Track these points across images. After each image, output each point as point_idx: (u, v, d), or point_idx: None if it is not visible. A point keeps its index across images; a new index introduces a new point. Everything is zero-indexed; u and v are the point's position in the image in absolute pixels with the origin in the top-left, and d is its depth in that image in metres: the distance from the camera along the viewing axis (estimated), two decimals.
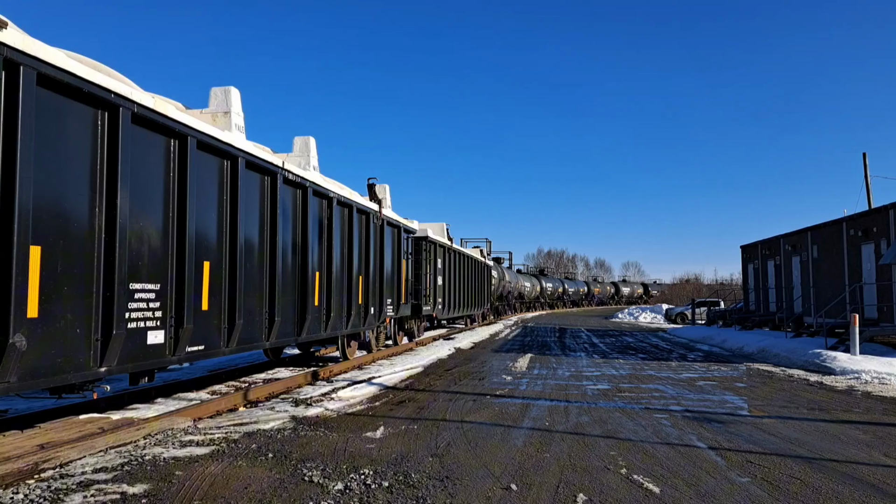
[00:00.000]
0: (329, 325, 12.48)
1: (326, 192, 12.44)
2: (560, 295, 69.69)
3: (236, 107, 9.81)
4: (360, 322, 14.50)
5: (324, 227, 12.44)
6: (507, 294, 45.80)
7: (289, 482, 5.67)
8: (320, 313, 12.22)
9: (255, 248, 9.82)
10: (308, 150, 12.68)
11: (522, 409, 9.43)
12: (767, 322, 28.12)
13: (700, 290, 71.01)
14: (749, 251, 33.59)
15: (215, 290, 8.66)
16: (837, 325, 20.36)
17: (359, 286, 14.26)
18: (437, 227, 26.02)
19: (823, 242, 24.03)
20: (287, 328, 10.86)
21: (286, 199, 10.85)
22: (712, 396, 10.92)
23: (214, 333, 8.69)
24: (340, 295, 13.23)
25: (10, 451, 6.10)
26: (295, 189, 11.24)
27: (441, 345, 20.74)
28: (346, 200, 13.45)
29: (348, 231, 13.65)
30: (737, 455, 6.83)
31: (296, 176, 11.08)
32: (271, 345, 10.36)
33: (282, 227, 10.52)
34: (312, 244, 11.75)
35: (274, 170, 10.26)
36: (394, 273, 17.40)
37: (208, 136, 8.37)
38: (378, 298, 15.74)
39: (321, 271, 12.21)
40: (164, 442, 7.01)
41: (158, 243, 7.50)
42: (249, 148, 9.49)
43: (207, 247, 8.49)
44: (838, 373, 14.27)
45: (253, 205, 9.76)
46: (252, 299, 9.60)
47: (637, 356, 18.63)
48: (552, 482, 5.75)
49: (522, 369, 14.73)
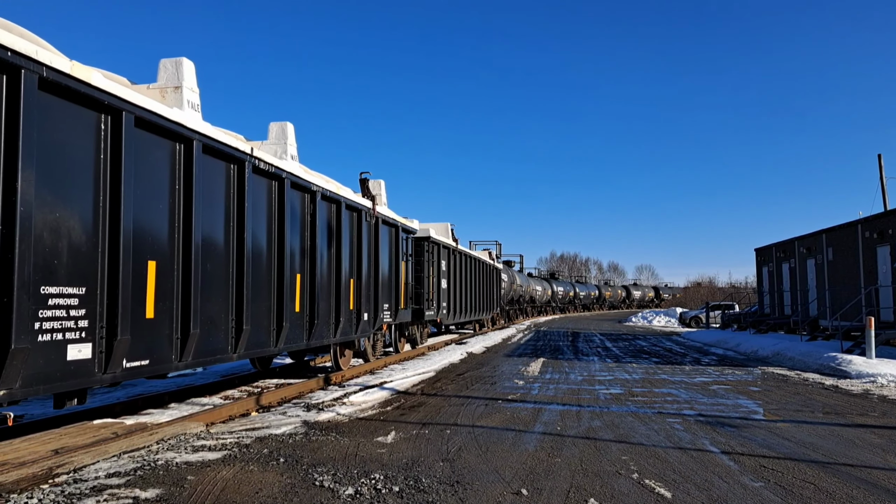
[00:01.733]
0: (313, 333, 11.31)
1: (308, 185, 11.12)
2: (571, 299, 69.44)
3: (189, 81, 8.47)
4: (352, 329, 13.34)
5: (306, 224, 11.22)
6: (519, 298, 45.22)
7: (300, 487, 5.69)
8: (302, 320, 11.05)
9: (219, 247, 8.62)
10: (285, 138, 11.34)
11: (534, 414, 9.41)
12: (782, 325, 27.88)
13: (714, 294, 70.63)
14: (763, 254, 33.35)
15: (164, 295, 7.50)
16: (853, 328, 20.17)
17: (349, 290, 13.17)
18: (441, 227, 24.43)
19: (838, 245, 23.82)
20: (260, 337, 9.68)
21: (258, 192, 9.63)
22: (726, 400, 10.84)
23: (163, 345, 7.50)
24: (327, 300, 12.07)
25: (25, 456, 6.17)
26: (270, 181, 10.03)
27: (453, 349, 20.74)
28: (332, 195, 12.16)
29: (336, 229, 12.44)
30: (750, 459, 6.78)
31: (269, 165, 9.78)
32: (239, 357, 9.14)
33: (252, 223, 9.32)
34: (292, 243, 10.58)
35: (240, 157, 8.97)
36: (391, 276, 16.14)
37: (150, 111, 7.05)
38: (373, 303, 14.55)
39: (303, 274, 11.07)
40: (176, 447, 7.06)
41: (83, 238, 6.27)
42: (207, 130, 8.20)
43: (153, 244, 7.32)
44: (854, 376, 14.13)
45: (214, 196, 8.53)
46: (214, 305, 8.44)
47: (650, 360, 18.53)
48: (563, 487, 5.74)
49: (534, 374, 14.69)
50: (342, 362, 13.62)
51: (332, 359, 13.51)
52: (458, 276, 24.91)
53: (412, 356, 18.21)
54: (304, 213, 11.20)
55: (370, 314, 14.35)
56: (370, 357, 15.18)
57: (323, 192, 11.72)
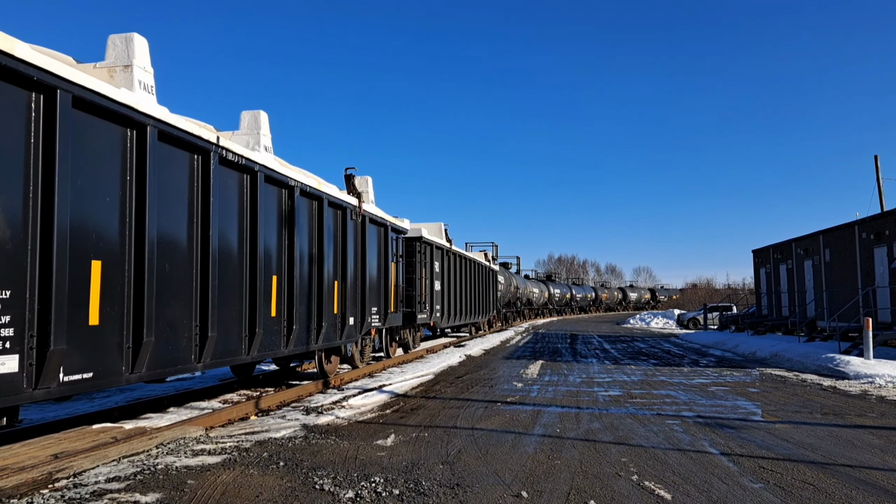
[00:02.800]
0: (292, 339, 10.56)
1: (285, 179, 10.38)
2: (568, 301, 69.38)
3: (141, 59, 7.58)
4: (337, 334, 12.57)
5: (283, 221, 10.48)
6: (516, 300, 44.97)
7: (300, 490, 5.69)
8: (279, 325, 10.32)
9: (180, 246, 7.85)
10: (258, 127, 10.38)
11: (533, 416, 9.42)
12: (780, 326, 27.93)
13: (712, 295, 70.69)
14: (761, 255, 33.41)
15: (112, 299, 6.70)
16: (851, 329, 20.22)
17: (333, 293, 12.37)
18: (434, 227, 23.21)
19: (836, 246, 23.88)
20: (229, 345, 8.92)
21: (226, 186, 8.86)
22: (725, 402, 10.86)
23: (111, 355, 6.70)
24: (308, 304, 11.28)
25: (24, 461, 6.16)
26: (241, 174, 9.27)
27: (451, 352, 20.74)
28: (313, 191, 11.38)
29: (318, 228, 11.66)
30: (749, 461, 6.80)
31: (238, 156, 8.98)
32: (205, 366, 8.40)
33: (219, 219, 8.52)
34: (267, 242, 9.88)
35: (204, 146, 8.18)
36: (380, 278, 15.37)
37: (91, 91, 6.27)
38: (359, 307, 13.80)
39: (280, 275, 10.32)
40: (176, 451, 7.06)
41: (7, 234, 5.54)
42: (164, 115, 7.41)
43: (99, 241, 6.52)
44: (852, 377, 14.16)
45: (174, 190, 7.76)
46: (173, 310, 7.67)
47: (649, 362, 18.55)
48: (563, 489, 5.75)
49: (533, 376, 14.70)
50: (328, 369, 12.89)
51: (316, 365, 12.74)
52: (453, 277, 24.13)
53: (410, 359, 18.20)
54: (281, 209, 10.44)
55: (357, 318, 13.66)
56: (358, 363, 14.41)
57: (302, 188, 10.97)
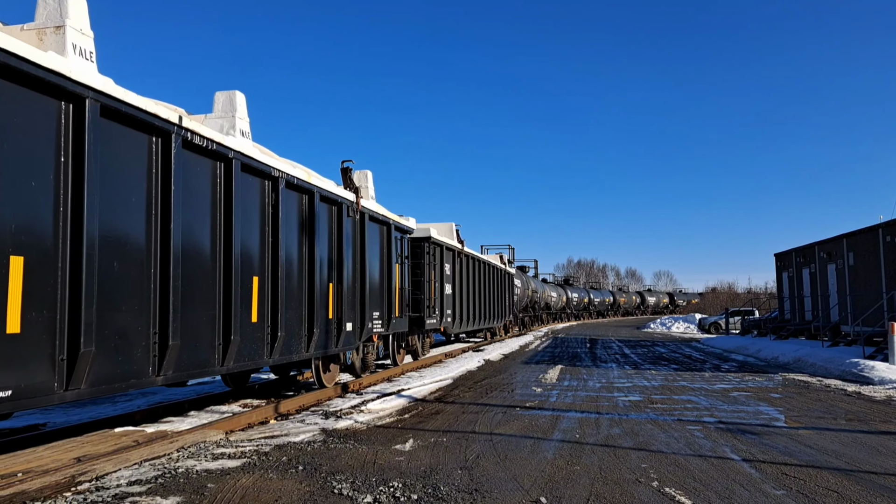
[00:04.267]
0: (277, 347, 9.60)
1: (267, 168, 9.37)
2: (586, 305, 68.93)
3: (77, 20, 6.58)
4: (331, 342, 11.59)
5: (266, 217, 9.51)
6: (534, 304, 44.39)
7: (318, 494, 5.71)
8: (262, 332, 9.29)
9: (132, 241, 6.80)
10: (233, 110, 9.25)
11: (552, 422, 9.38)
12: (803, 331, 27.57)
13: (733, 299, 70.00)
14: (783, 259, 33.04)
15: (39, 302, 5.73)
16: (875, 334, 19.90)
17: (328, 297, 11.39)
18: (444, 227, 21.89)
19: (859, 249, 23.54)
20: (198, 354, 7.87)
21: (193, 173, 7.82)
22: (746, 407, 10.74)
23: (41, 370, 5.75)
24: (298, 308, 10.36)
25: (48, 464, 6.25)
26: (213, 161, 8.28)
27: (470, 357, 20.71)
28: (301, 183, 10.39)
29: (308, 225, 10.70)
30: (771, 467, 6.71)
31: (207, 140, 7.93)
32: (166, 380, 7.34)
33: (183, 211, 7.48)
34: (245, 240, 8.89)
35: (162, 126, 7.12)
36: (382, 280, 14.33)
37: (7, 52, 5.32)
38: (359, 312, 12.81)
39: (263, 276, 9.36)
40: (196, 455, 7.11)
41: None
42: (109, 88, 6.39)
43: (20, 235, 5.58)
44: (877, 382, 13.94)
45: (124, 176, 6.72)
46: (123, 315, 6.63)
47: (669, 367, 18.40)
48: (582, 495, 5.71)
49: (552, 381, 14.64)
50: (325, 378, 12.03)
51: (313, 375, 11.88)
52: (466, 281, 23.12)
53: (429, 364, 18.20)
54: (263, 203, 9.49)
55: (356, 324, 12.70)
56: (359, 372, 13.51)
57: (288, 179, 9.97)
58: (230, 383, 12.11)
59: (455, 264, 21.62)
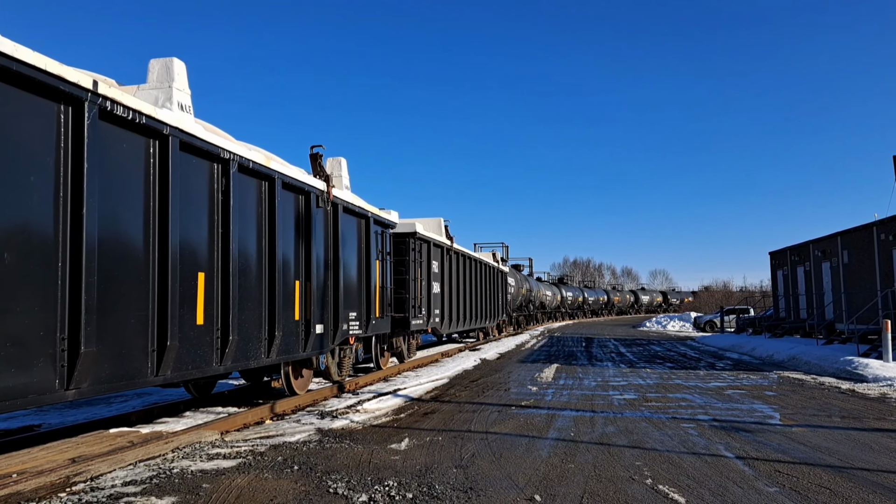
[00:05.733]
0: (229, 353, 8.41)
1: (214, 149, 8.19)
2: (580, 304, 68.86)
3: None
4: (298, 346, 10.42)
5: (215, 205, 8.34)
6: (528, 303, 43.98)
7: (314, 494, 5.72)
8: (211, 336, 8.17)
9: (29, 231, 5.71)
10: (170, 79, 8.05)
11: (547, 420, 9.40)
12: (798, 329, 27.68)
13: (729, 298, 70.18)
14: (778, 257, 33.14)
15: None
16: (870, 332, 19.99)
17: (293, 296, 10.28)
18: (432, 222, 20.72)
19: (854, 247, 23.63)
20: (123, 363, 6.70)
21: (116, 151, 6.66)
22: (741, 405, 10.78)
23: None
24: (257, 308, 9.22)
25: (43, 465, 6.24)
26: (144, 138, 7.09)
27: (467, 356, 20.74)
28: (259, 168, 9.21)
29: (268, 215, 9.56)
30: (765, 465, 6.75)
31: (135, 113, 6.77)
32: (81, 394, 6.18)
33: (99, 195, 6.30)
34: (187, 230, 7.71)
35: (73, 93, 6.00)
36: (361, 278, 13.20)
37: None
38: (331, 312, 11.60)
39: (212, 273, 8.22)
40: (191, 455, 7.11)
41: None
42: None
43: None
44: (871, 380, 14.01)
45: (21, 151, 5.65)
46: (17, 318, 5.54)
47: (664, 365, 18.45)
48: (577, 493, 5.73)
49: (548, 380, 14.67)
50: (296, 385, 11.13)
51: (283, 381, 10.95)
52: (455, 279, 22.07)
53: (425, 363, 18.22)
54: (212, 189, 8.32)
55: (328, 326, 11.47)
56: (334, 377, 12.48)
57: (242, 162, 8.79)
58: (193, 392, 11.13)
59: (444, 262, 20.56)
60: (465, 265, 23.55)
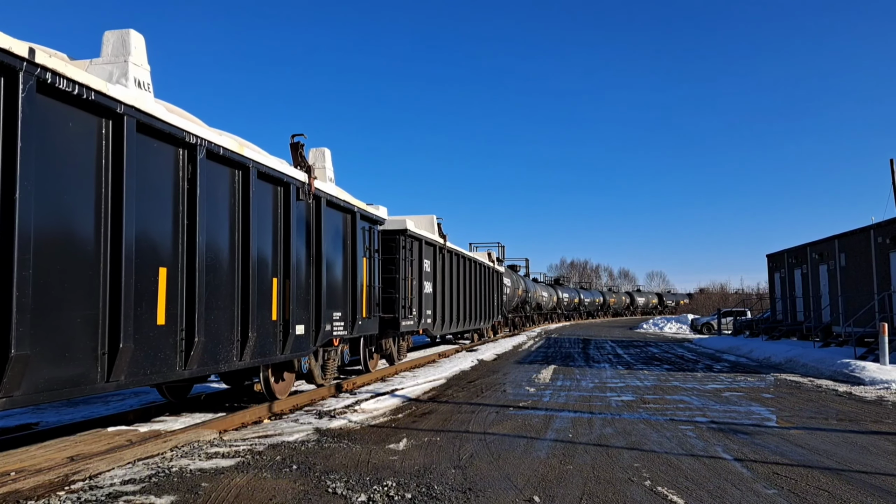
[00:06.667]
0: (194, 356, 7.68)
1: (178, 132, 7.43)
2: (576, 305, 68.77)
3: None
4: (275, 347, 9.79)
5: (180, 194, 7.64)
6: (525, 304, 43.73)
7: (313, 494, 5.72)
8: (174, 337, 7.45)
9: None
10: (126, 53, 7.20)
11: (545, 421, 9.41)
12: (795, 332, 27.74)
13: (725, 300, 70.33)
14: (775, 260, 33.20)
15: None
16: (866, 335, 20.04)
17: (270, 294, 9.64)
18: (424, 219, 20.00)
19: (851, 250, 23.68)
20: (66, 368, 5.97)
21: (59, 129, 5.98)
22: (738, 407, 10.80)
23: None
24: (228, 307, 8.56)
25: (41, 463, 6.24)
26: (95, 117, 6.34)
27: (464, 357, 20.75)
28: (230, 155, 8.50)
29: (242, 207, 8.91)
30: (763, 466, 6.76)
31: (82, 88, 6.03)
32: (11, 403, 5.47)
33: (36, 180, 5.65)
34: (146, 221, 6.97)
35: (4, 62, 5.30)
36: (346, 277, 12.58)
37: None
38: (313, 312, 10.98)
39: (175, 268, 7.52)
40: (190, 454, 7.11)
41: None
42: None
43: None
44: (868, 383, 14.04)
45: None
46: None
47: (662, 367, 18.47)
48: (575, 494, 5.74)
49: (546, 381, 14.68)
50: (277, 389, 10.54)
51: (262, 385, 10.41)
52: (448, 279, 21.50)
53: (422, 363, 18.23)
54: (176, 177, 7.62)
55: (309, 326, 10.87)
56: (318, 380, 11.93)
57: (210, 149, 8.06)
58: (167, 395, 10.56)
59: (436, 261, 19.93)
60: (458, 264, 23.00)
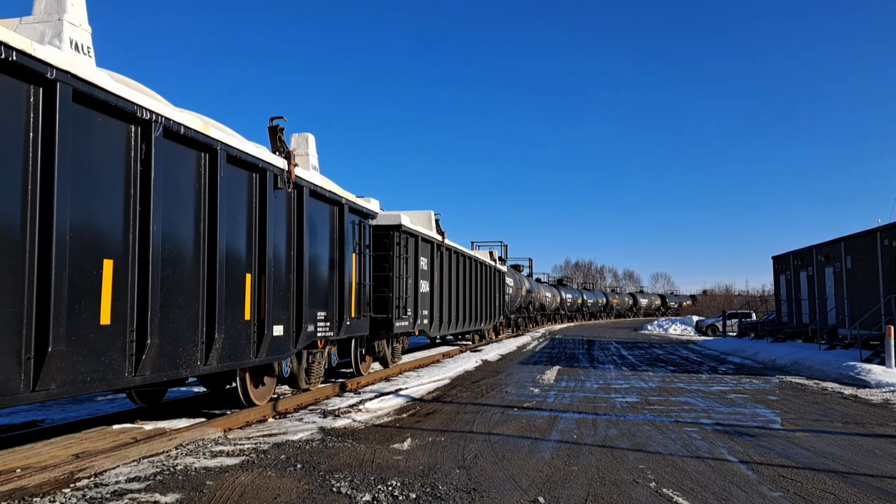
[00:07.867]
0: (147, 360, 6.74)
1: (129, 107, 6.47)
2: (579, 306, 68.53)
3: None
4: (248, 350, 8.83)
5: (131, 177, 6.67)
6: (528, 305, 43.05)
7: (317, 493, 5.72)
8: (121, 339, 6.48)
9: None
10: (60, 10, 6.33)
11: (550, 422, 9.40)
12: (800, 334, 27.66)
13: (729, 302, 70.15)
14: (781, 262, 33.10)
15: None
16: (872, 337, 19.96)
17: (243, 291, 8.69)
18: (420, 215, 18.99)
19: (857, 252, 23.60)
20: None
21: None
22: (744, 409, 10.77)
23: None
24: (191, 305, 7.60)
25: (47, 461, 6.26)
26: (21, 84, 5.44)
27: (468, 357, 20.74)
28: (193, 135, 7.51)
29: (208, 194, 7.94)
30: (769, 469, 6.74)
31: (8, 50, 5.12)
32: None
33: None
34: (86, 206, 6.07)
35: None
36: (333, 273, 11.61)
37: None
38: (294, 311, 10.07)
39: (125, 260, 6.57)
40: (195, 452, 7.12)
41: None
42: None
43: None
44: (873, 385, 13.99)
45: None
46: None
47: (666, 368, 18.44)
48: (580, 495, 5.73)
49: (550, 381, 14.66)
50: (255, 394, 9.79)
51: (239, 390, 9.66)
52: (447, 277, 20.45)
53: (426, 363, 18.22)
54: (127, 157, 6.65)
55: (289, 327, 9.96)
56: (302, 384, 11.12)
57: (169, 126, 7.07)
58: (138, 400, 9.64)
59: (434, 258, 18.88)
60: (458, 263, 22.00)
